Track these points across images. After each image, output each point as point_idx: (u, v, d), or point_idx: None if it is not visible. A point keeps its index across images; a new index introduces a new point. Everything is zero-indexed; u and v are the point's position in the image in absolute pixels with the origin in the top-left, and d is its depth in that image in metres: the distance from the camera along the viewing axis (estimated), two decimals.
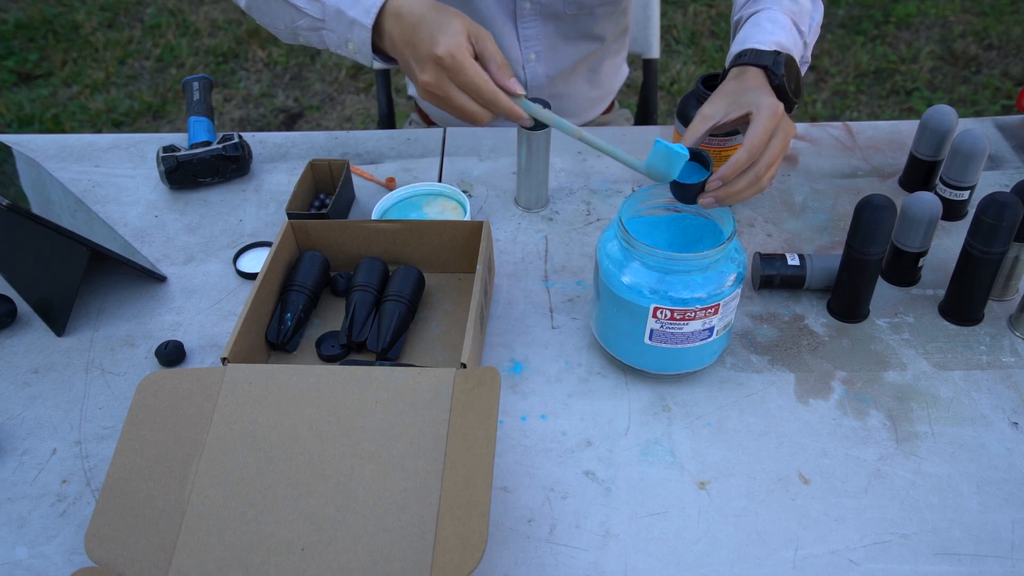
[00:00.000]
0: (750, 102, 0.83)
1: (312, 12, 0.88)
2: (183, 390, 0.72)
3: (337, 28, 0.87)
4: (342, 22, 0.86)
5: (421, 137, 1.19)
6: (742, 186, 0.80)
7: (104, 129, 2.62)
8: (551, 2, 1.16)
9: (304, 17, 0.89)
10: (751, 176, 0.80)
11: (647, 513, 0.72)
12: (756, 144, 0.80)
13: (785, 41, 0.90)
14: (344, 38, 0.87)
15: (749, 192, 0.81)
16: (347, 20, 0.85)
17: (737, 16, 0.98)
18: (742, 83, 0.86)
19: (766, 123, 0.81)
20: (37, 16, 3.10)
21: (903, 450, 0.77)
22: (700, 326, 0.77)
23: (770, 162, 0.81)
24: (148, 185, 1.11)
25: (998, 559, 0.68)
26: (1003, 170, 1.11)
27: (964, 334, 0.88)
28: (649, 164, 0.79)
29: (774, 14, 0.93)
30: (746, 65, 0.88)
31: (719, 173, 0.79)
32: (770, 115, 0.81)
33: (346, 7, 0.85)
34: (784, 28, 0.92)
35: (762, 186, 0.81)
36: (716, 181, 0.80)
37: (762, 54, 0.88)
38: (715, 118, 0.84)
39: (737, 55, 0.89)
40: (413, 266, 0.91)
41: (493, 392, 0.67)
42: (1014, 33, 2.93)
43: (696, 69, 2.80)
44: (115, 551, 0.63)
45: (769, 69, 0.87)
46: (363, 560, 0.62)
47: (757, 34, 0.90)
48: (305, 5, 0.88)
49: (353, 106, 2.73)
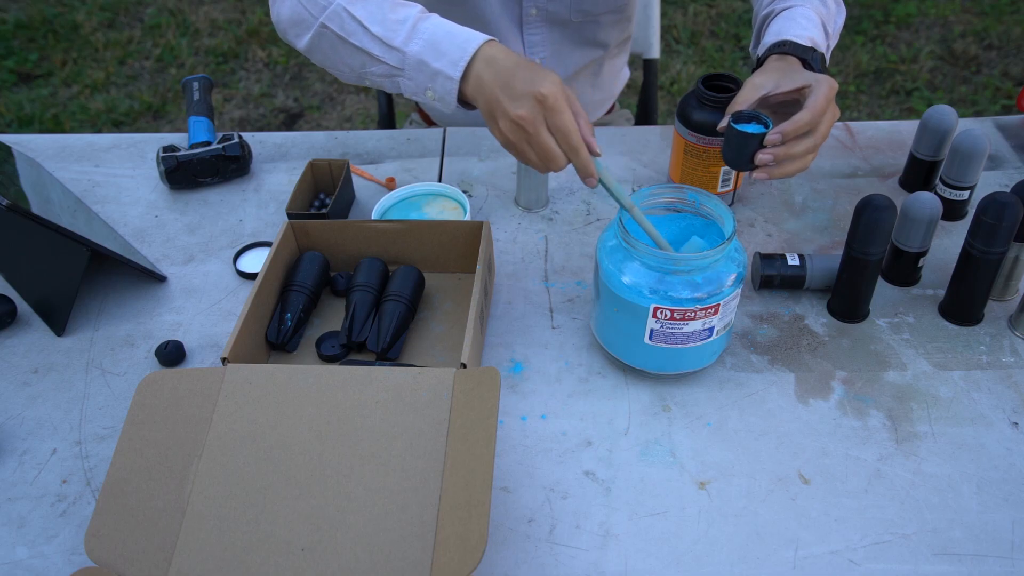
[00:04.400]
0: (807, 77, 0.85)
1: (390, 61, 0.86)
2: (183, 390, 0.72)
3: (417, 77, 0.85)
4: (424, 72, 0.84)
5: (421, 137, 1.19)
6: (800, 150, 0.82)
7: (104, 129, 2.62)
8: (557, 9, 1.16)
9: (379, 65, 0.87)
10: (809, 142, 0.82)
11: (647, 513, 0.72)
12: (819, 108, 0.81)
13: (818, 39, 0.92)
14: (423, 87, 0.85)
15: (801, 162, 0.83)
16: (430, 71, 0.84)
17: (767, 10, 1.00)
18: (790, 64, 0.88)
19: (827, 92, 0.82)
20: (37, 16, 3.10)
21: (903, 450, 0.77)
22: (700, 326, 0.77)
23: (825, 132, 0.83)
24: (148, 185, 1.11)
25: (998, 559, 0.68)
26: (1003, 170, 1.11)
27: (964, 334, 0.88)
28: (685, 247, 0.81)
29: (807, 12, 0.95)
30: (786, 55, 0.89)
31: (781, 128, 0.80)
32: (830, 87, 0.83)
33: (430, 59, 0.83)
34: (816, 27, 0.94)
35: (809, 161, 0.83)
36: (776, 135, 0.81)
37: (801, 47, 0.90)
38: (765, 88, 0.86)
39: (776, 44, 0.91)
40: (413, 266, 0.91)
41: (493, 392, 0.67)
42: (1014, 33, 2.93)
43: (696, 69, 2.80)
44: (115, 551, 0.63)
45: (807, 63, 0.88)
46: (363, 560, 0.62)
47: (792, 28, 0.92)
48: (383, 54, 0.86)
49: (353, 106, 2.73)
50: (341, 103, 2.75)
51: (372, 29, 0.86)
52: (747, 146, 0.82)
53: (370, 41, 0.86)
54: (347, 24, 0.87)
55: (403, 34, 0.85)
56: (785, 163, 0.82)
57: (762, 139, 0.82)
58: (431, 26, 0.85)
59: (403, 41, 0.84)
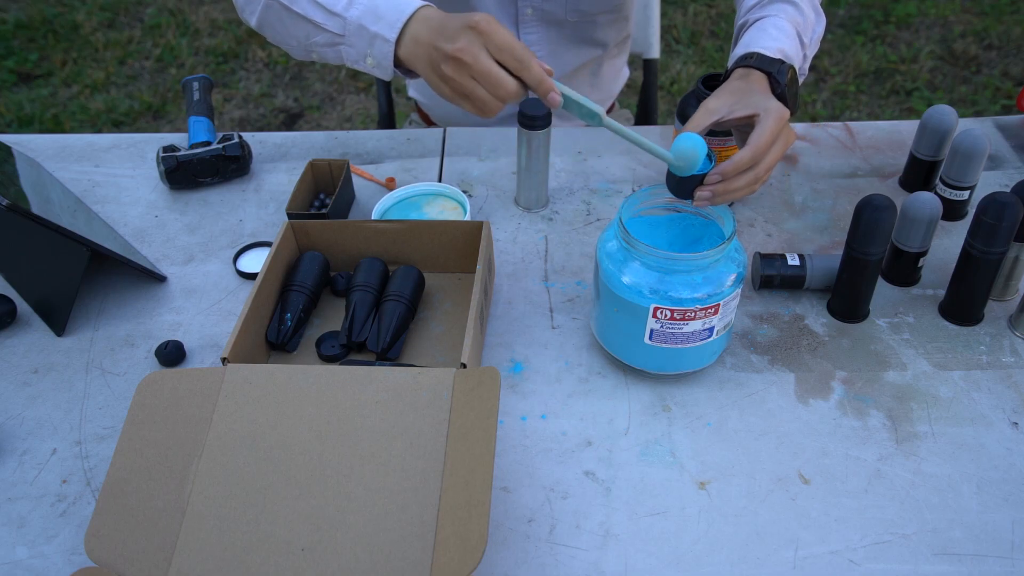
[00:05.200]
0: (758, 104, 0.83)
1: (332, 28, 0.88)
2: (183, 390, 0.72)
3: (357, 43, 0.87)
4: (363, 37, 0.86)
5: (421, 137, 1.19)
6: (740, 185, 0.80)
7: (104, 129, 2.62)
8: (553, 9, 1.16)
9: (322, 33, 0.89)
10: (750, 177, 0.80)
11: (647, 513, 0.72)
12: (761, 145, 0.80)
13: (789, 51, 0.90)
14: (363, 53, 0.87)
15: (743, 192, 0.81)
16: (368, 35, 0.85)
17: (743, 19, 0.98)
18: (749, 84, 0.86)
19: (773, 125, 0.80)
20: (37, 16, 3.10)
21: (903, 450, 0.77)
22: (700, 326, 0.77)
23: (770, 165, 0.81)
24: (148, 185, 1.11)
25: (998, 559, 0.68)
26: (1003, 170, 1.11)
27: (964, 334, 0.88)
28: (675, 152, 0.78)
29: (780, 22, 0.93)
30: (751, 68, 0.88)
31: (720, 168, 0.79)
32: (777, 119, 0.81)
33: (368, 23, 0.85)
34: (789, 37, 0.92)
35: (755, 188, 0.82)
36: (716, 175, 0.79)
37: (767, 60, 0.87)
38: (719, 113, 0.84)
39: (743, 56, 0.89)
40: (413, 266, 0.91)
41: (493, 392, 0.67)
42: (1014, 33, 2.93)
43: (696, 69, 2.80)
44: (115, 551, 0.63)
45: (773, 76, 0.87)
46: (363, 560, 0.62)
47: (762, 39, 0.90)
48: (324, 21, 0.88)
49: (353, 106, 2.73)
50: (341, 103, 2.75)
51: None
52: (688, 182, 0.80)
53: (313, 8, 0.88)
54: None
55: (344, 0, 0.87)
56: (725, 195, 0.80)
57: (703, 179, 0.79)
58: None
59: (344, 7, 0.86)
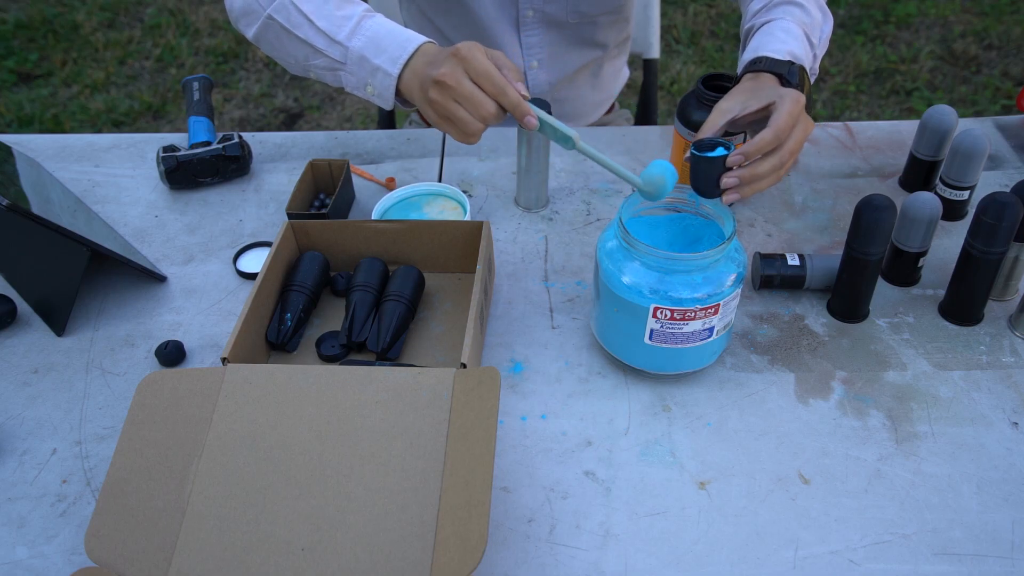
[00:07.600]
0: (771, 94, 0.83)
1: (334, 55, 0.89)
2: (183, 390, 0.72)
3: (358, 72, 0.89)
4: (364, 68, 0.88)
5: (421, 137, 1.19)
6: (766, 169, 0.79)
7: (104, 129, 2.62)
8: (553, 11, 1.16)
9: (322, 58, 0.90)
10: (775, 161, 0.79)
11: (647, 513, 0.72)
12: (782, 126, 0.79)
13: (798, 52, 0.90)
14: (364, 82, 0.89)
15: (770, 179, 0.80)
16: (370, 67, 0.87)
17: (749, 24, 0.99)
18: (761, 83, 0.86)
19: (791, 107, 0.80)
20: (37, 16, 3.10)
21: (903, 450, 0.77)
22: (700, 326, 0.77)
23: (793, 149, 0.80)
24: (148, 185, 1.11)
25: (998, 559, 0.68)
26: (1003, 170, 1.11)
27: (964, 334, 0.88)
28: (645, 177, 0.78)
29: (787, 24, 0.93)
30: (760, 71, 0.88)
31: (743, 149, 0.78)
32: (794, 101, 0.81)
33: (371, 55, 0.87)
34: (797, 39, 0.92)
35: (780, 175, 0.81)
36: (739, 155, 0.78)
37: (777, 63, 0.88)
38: (733, 112, 0.83)
39: (752, 61, 0.89)
40: (413, 266, 0.91)
41: (493, 392, 0.67)
42: (1014, 33, 2.93)
43: (696, 69, 2.80)
44: (115, 551, 0.63)
45: (784, 77, 0.87)
46: (363, 560, 0.62)
47: (771, 43, 0.91)
48: (326, 48, 0.89)
49: (353, 106, 2.73)
50: (341, 103, 2.75)
51: (318, 23, 0.89)
52: (711, 171, 0.78)
53: (315, 34, 0.90)
54: (293, 17, 0.91)
55: (347, 30, 0.88)
56: (753, 183, 0.79)
57: (724, 162, 0.78)
58: (374, 24, 0.88)
59: (346, 36, 0.88)
